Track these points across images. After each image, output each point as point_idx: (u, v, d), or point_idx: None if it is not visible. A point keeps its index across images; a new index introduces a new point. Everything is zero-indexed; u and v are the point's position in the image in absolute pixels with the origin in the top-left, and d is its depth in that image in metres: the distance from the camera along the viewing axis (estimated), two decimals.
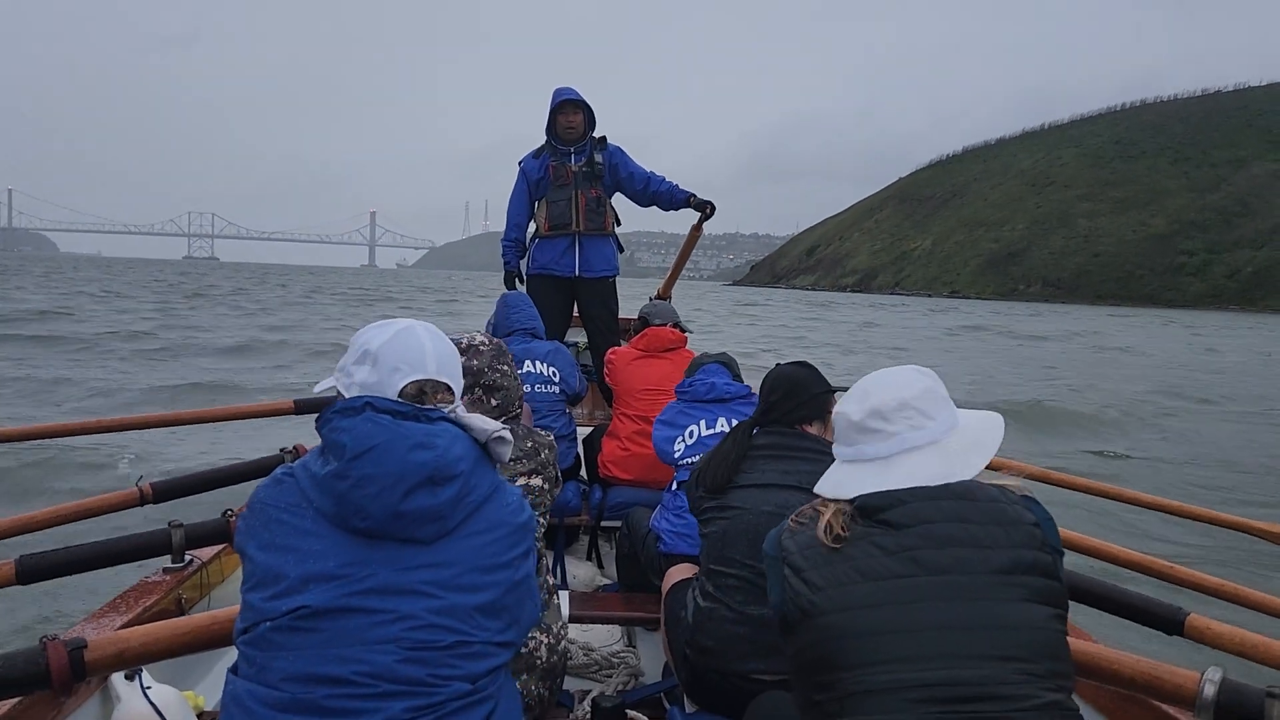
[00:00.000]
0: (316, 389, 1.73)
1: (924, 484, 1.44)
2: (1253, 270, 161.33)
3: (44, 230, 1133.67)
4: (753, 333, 31.95)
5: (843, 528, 1.44)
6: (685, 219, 5.30)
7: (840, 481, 1.53)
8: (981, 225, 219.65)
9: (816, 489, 1.56)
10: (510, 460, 2.00)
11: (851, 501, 1.47)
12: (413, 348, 1.49)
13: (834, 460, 1.59)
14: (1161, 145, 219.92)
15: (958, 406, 1.57)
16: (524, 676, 2.00)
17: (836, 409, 1.60)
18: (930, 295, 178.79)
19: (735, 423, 2.54)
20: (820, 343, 28.60)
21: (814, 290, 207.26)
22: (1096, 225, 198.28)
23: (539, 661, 2.03)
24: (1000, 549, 1.37)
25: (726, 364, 3.30)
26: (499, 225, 5.25)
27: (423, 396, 1.47)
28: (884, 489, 1.45)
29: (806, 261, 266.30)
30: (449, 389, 1.52)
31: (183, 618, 1.67)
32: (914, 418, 1.49)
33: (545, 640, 2.06)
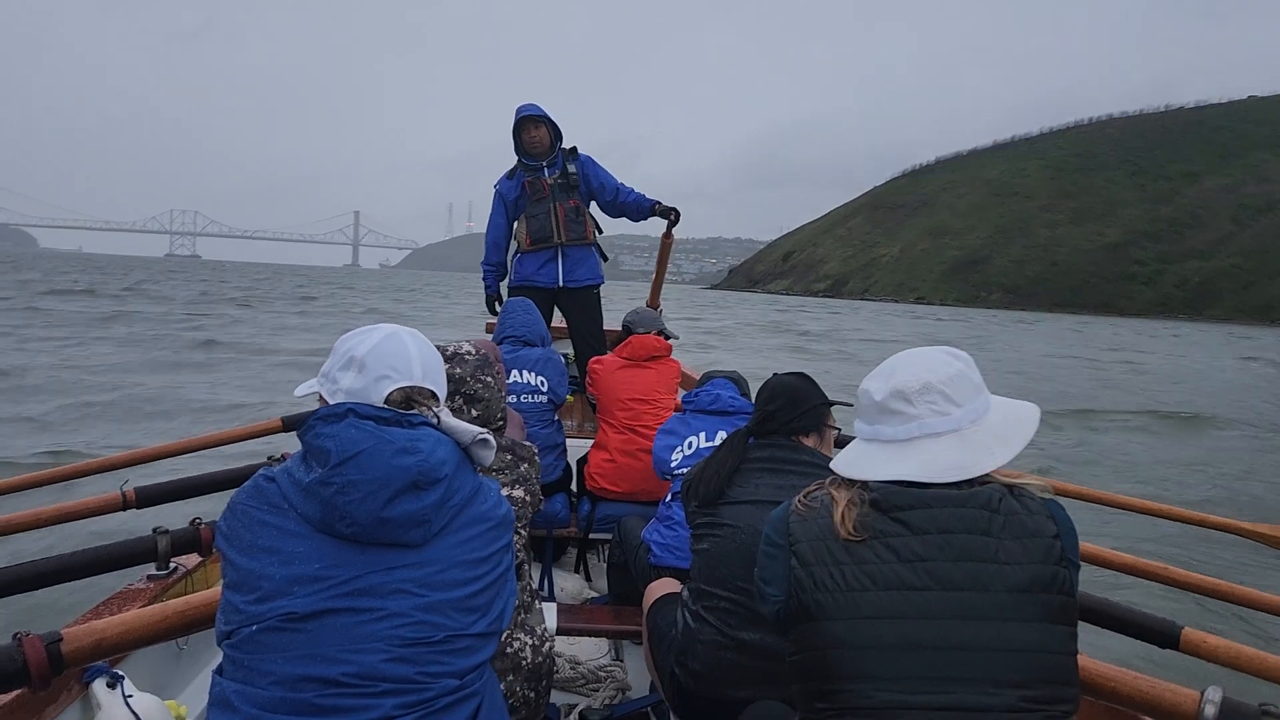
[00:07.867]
0: (297, 391, 1.65)
1: (940, 472, 1.39)
2: (1200, 280, 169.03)
3: (24, 226, 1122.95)
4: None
5: (855, 526, 1.39)
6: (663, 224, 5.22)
7: (853, 461, 1.47)
8: (946, 233, 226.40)
9: (832, 465, 1.51)
10: (493, 471, 2.02)
11: (869, 490, 1.42)
12: (399, 354, 1.49)
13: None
14: (1120, 158, 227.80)
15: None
16: (509, 678, 1.97)
17: (861, 385, 1.49)
18: (896, 301, 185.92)
19: None
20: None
21: (787, 295, 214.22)
22: (1055, 235, 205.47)
23: (524, 662, 2.00)
24: (1019, 565, 1.33)
25: (735, 380, 3.24)
26: (482, 226, 5.30)
27: (409, 403, 1.47)
28: (900, 477, 1.40)
29: (782, 267, 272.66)
30: (434, 395, 1.52)
31: (156, 605, 1.66)
32: (938, 402, 1.43)
33: (530, 642, 2.03)
